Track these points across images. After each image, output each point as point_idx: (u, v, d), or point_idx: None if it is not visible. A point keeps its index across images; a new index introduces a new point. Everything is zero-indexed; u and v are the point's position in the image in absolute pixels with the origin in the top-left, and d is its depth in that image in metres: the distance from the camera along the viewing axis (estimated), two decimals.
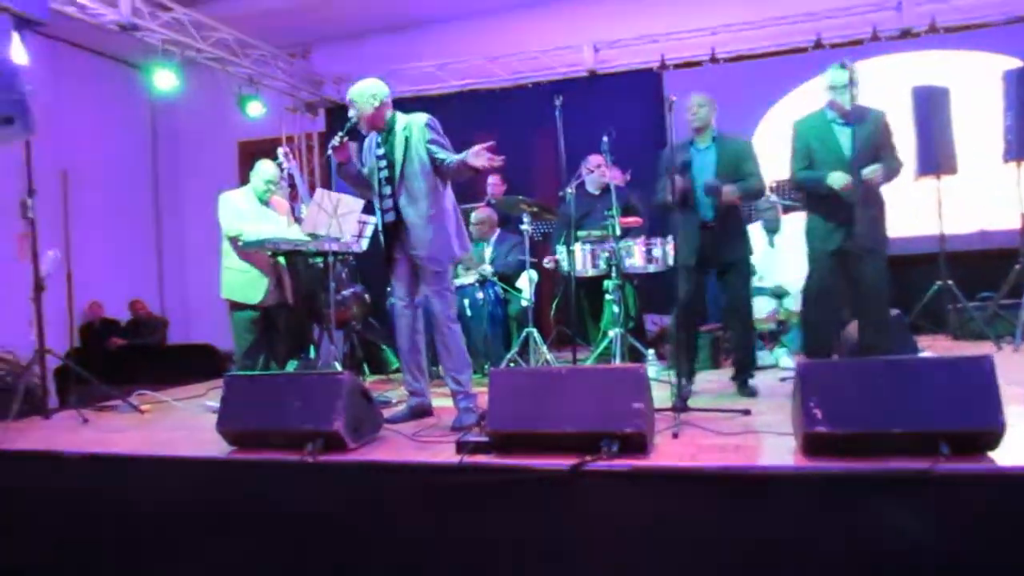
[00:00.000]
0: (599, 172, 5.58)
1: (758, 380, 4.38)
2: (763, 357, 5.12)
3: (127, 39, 6.59)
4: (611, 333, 4.97)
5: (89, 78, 8.68)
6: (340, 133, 3.81)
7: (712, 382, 4.63)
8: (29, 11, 3.39)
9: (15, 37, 3.43)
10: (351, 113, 3.84)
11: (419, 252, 3.81)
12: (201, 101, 8.20)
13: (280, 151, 5.16)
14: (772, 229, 5.61)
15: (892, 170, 4.08)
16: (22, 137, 3.38)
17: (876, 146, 4.05)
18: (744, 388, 4.27)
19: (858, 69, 4.11)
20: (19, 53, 3.63)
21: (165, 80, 6.68)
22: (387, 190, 3.84)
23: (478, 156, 3.53)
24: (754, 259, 5.20)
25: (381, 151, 3.86)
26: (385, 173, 3.85)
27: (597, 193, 5.65)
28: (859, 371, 2.83)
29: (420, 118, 3.85)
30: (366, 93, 3.82)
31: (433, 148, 3.78)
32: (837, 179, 3.97)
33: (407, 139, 3.80)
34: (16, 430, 4.05)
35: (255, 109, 7.58)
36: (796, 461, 2.71)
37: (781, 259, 5.42)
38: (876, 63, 6.97)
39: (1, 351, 6.71)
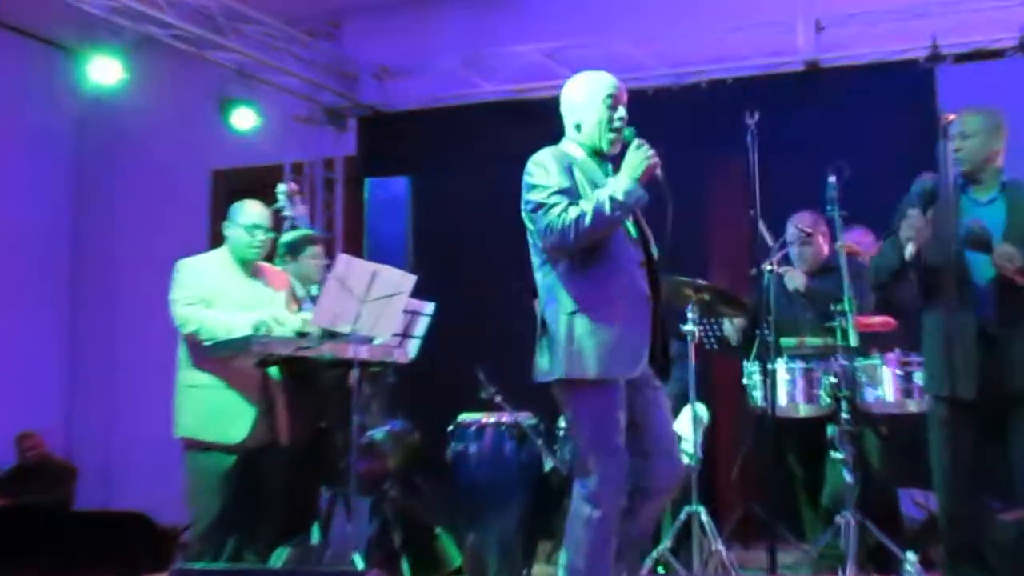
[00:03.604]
0: (815, 239, 4.25)
1: None
2: None
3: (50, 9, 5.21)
4: (839, 519, 3.77)
5: None
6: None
7: None
8: None
9: None
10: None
11: None
12: (157, 105, 6.40)
13: (282, 188, 4.28)
14: None
15: None
16: None
17: None
18: None
19: None
20: None
21: (104, 70, 5.18)
22: None
23: None
24: None
25: None
26: None
27: (814, 272, 4.35)
28: None
29: None
30: None
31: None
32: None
33: None
34: None
35: (245, 119, 5.83)
36: None
37: None
38: None
39: None
